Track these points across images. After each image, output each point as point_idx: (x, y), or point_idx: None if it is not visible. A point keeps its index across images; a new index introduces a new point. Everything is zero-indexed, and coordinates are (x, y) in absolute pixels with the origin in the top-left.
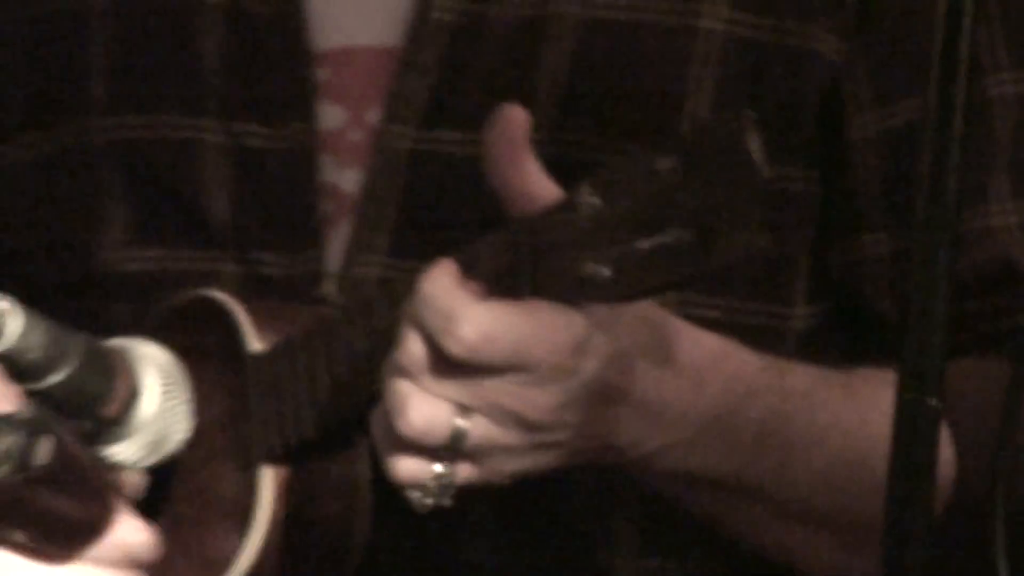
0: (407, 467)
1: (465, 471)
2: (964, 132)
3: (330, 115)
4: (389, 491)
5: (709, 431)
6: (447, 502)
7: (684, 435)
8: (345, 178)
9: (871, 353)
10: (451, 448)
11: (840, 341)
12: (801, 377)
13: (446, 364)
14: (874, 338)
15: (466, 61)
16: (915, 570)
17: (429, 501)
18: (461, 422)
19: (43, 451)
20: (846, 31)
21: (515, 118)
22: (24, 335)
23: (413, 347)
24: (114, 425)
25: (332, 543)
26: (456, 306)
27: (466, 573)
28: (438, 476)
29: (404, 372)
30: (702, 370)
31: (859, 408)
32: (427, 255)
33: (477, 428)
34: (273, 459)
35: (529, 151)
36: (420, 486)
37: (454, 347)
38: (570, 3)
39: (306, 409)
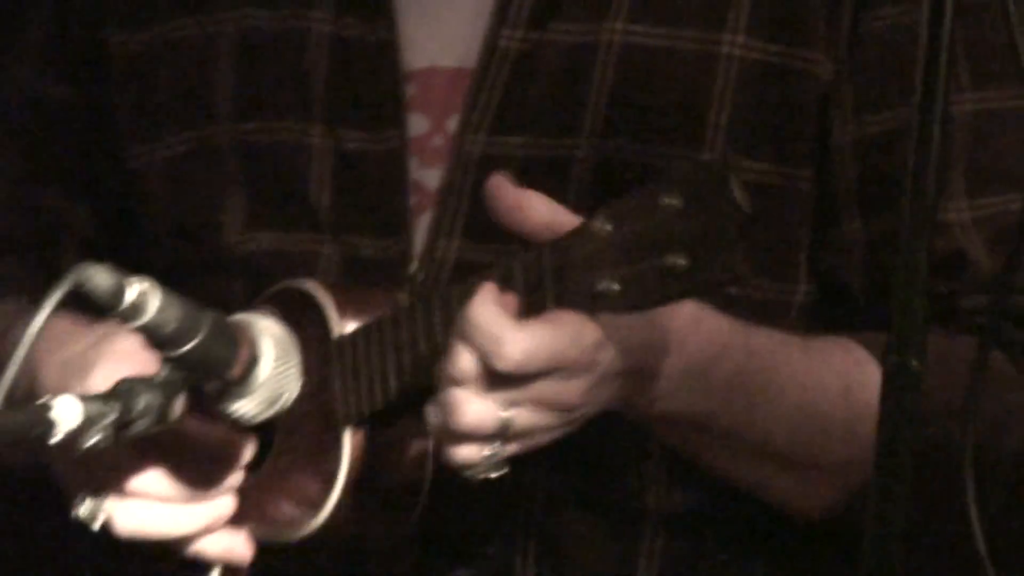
0: (462, 454)
1: (510, 449)
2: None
3: (417, 124)
4: None
5: (688, 381)
6: (496, 475)
7: (669, 386)
8: (428, 176)
9: (847, 321)
10: (499, 436)
11: (831, 312)
12: (764, 339)
13: (493, 375)
14: (846, 308)
15: (527, 80)
16: (900, 511)
17: (481, 477)
18: (506, 414)
19: (176, 408)
20: (838, 57)
21: (497, 182)
22: (161, 310)
23: (464, 361)
24: (236, 385)
25: (405, 488)
26: (501, 331)
27: (523, 499)
28: (488, 457)
29: (456, 381)
30: (683, 333)
31: (815, 366)
32: (494, 239)
33: (520, 418)
34: (352, 424)
35: (527, 195)
36: (473, 467)
37: (502, 365)
38: (614, 32)
39: (378, 386)
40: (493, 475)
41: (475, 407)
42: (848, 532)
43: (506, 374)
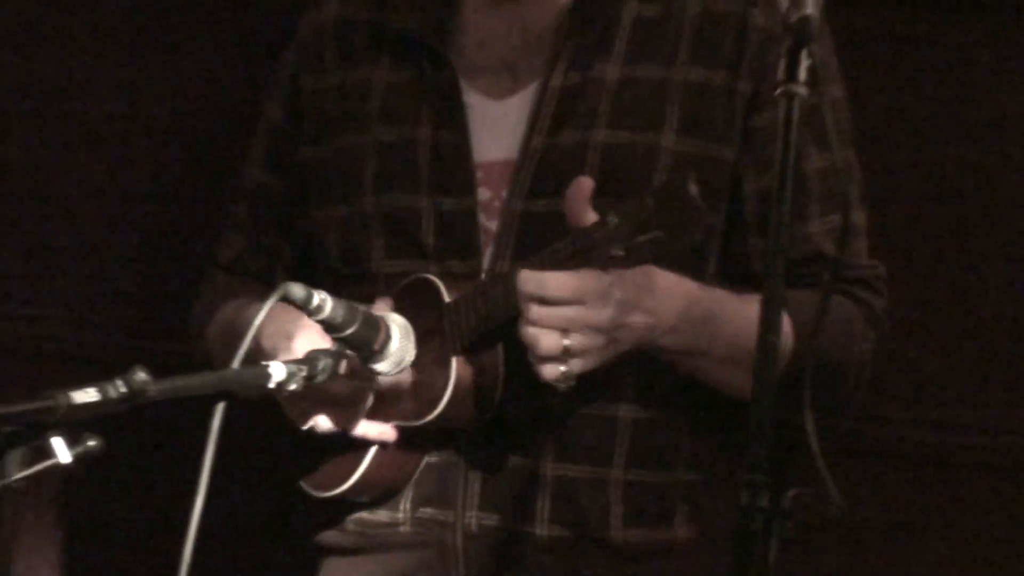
0: (547, 372)
1: (577, 365)
2: (792, 192)
3: (483, 194)
4: (511, 367)
5: (678, 322)
6: (573, 384)
7: (667, 325)
8: (490, 224)
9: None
10: (566, 355)
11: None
12: (717, 292)
13: (548, 311)
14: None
15: (548, 166)
16: (769, 411)
17: (564, 387)
18: (566, 341)
19: (343, 367)
20: (737, 145)
21: (584, 184)
22: (333, 310)
23: (532, 311)
24: (377, 354)
25: (486, 392)
26: (543, 276)
27: (544, 413)
28: (564, 373)
29: (529, 323)
30: (671, 290)
31: (746, 307)
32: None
33: (575, 341)
34: (456, 354)
35: (587, 200)
36: (556, 381)
37: (548, 293)
38: (598, 135)
39: (472, 327)
40: (573, 384)
41: (544, 338)
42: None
43: (554, 300)
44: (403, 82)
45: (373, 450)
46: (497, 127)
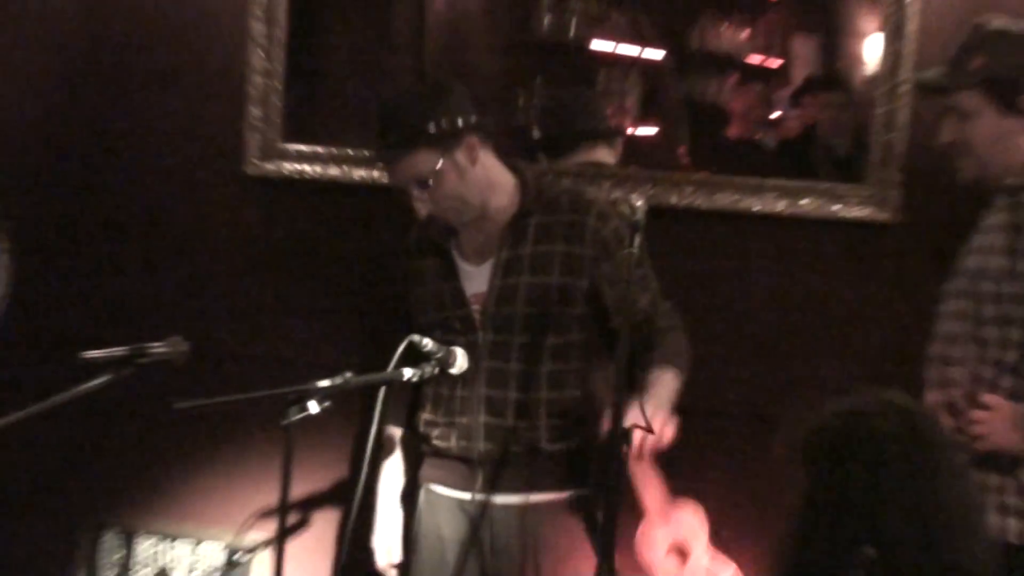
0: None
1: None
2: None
3: (475, 308)
4: None
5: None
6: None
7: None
8: (479, 319)
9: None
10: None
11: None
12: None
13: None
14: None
15: (505, 295)
16: (625, 379)
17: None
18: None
19: (435, 371)
20: (588, 279)
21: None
22: (431, 346)
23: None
24: (451, 365)
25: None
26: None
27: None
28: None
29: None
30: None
31: (671, 372)
32: (505, 343)
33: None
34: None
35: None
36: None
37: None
38: (523, 279)
39: None
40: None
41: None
42: None
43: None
44: (436, 264)
45: None
46: (476, 279)
